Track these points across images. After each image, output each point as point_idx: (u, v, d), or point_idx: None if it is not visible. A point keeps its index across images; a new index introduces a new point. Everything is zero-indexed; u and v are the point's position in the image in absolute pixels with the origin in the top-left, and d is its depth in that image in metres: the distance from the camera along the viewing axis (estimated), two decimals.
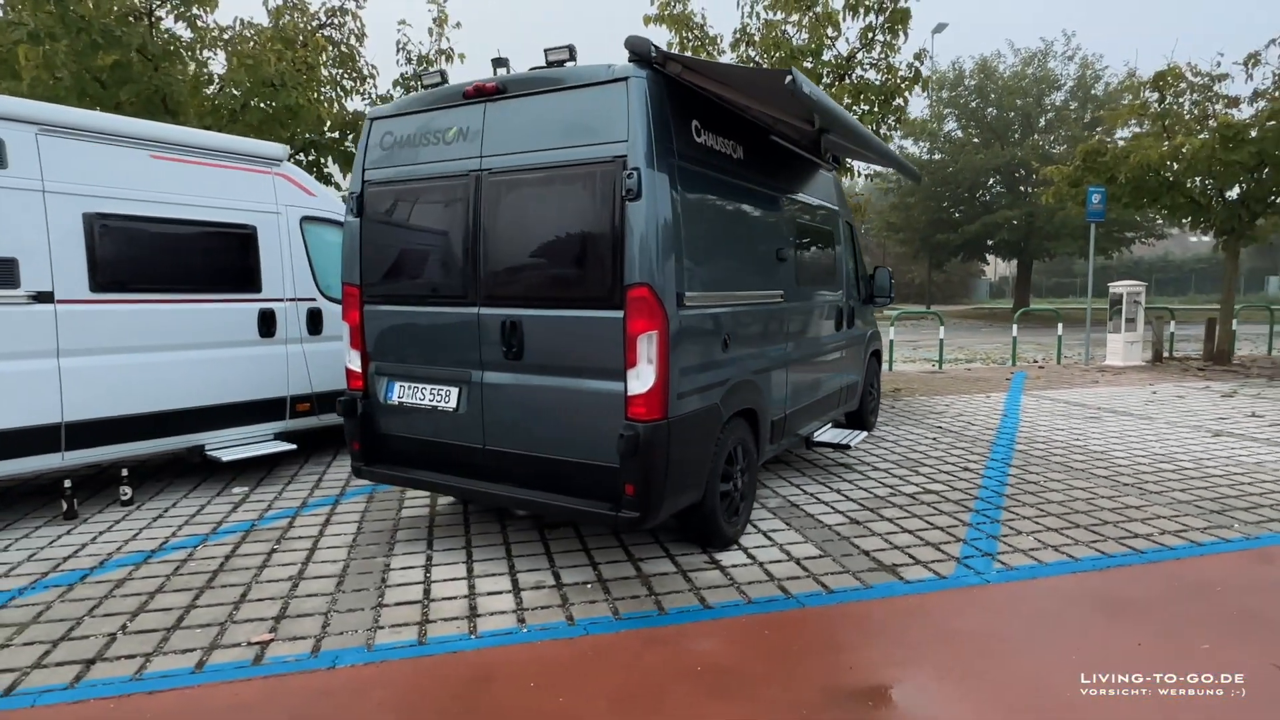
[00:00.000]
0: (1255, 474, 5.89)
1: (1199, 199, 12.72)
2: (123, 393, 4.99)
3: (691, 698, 2.81)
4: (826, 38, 8.65)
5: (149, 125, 5.28)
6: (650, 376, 3.44)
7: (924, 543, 4.40)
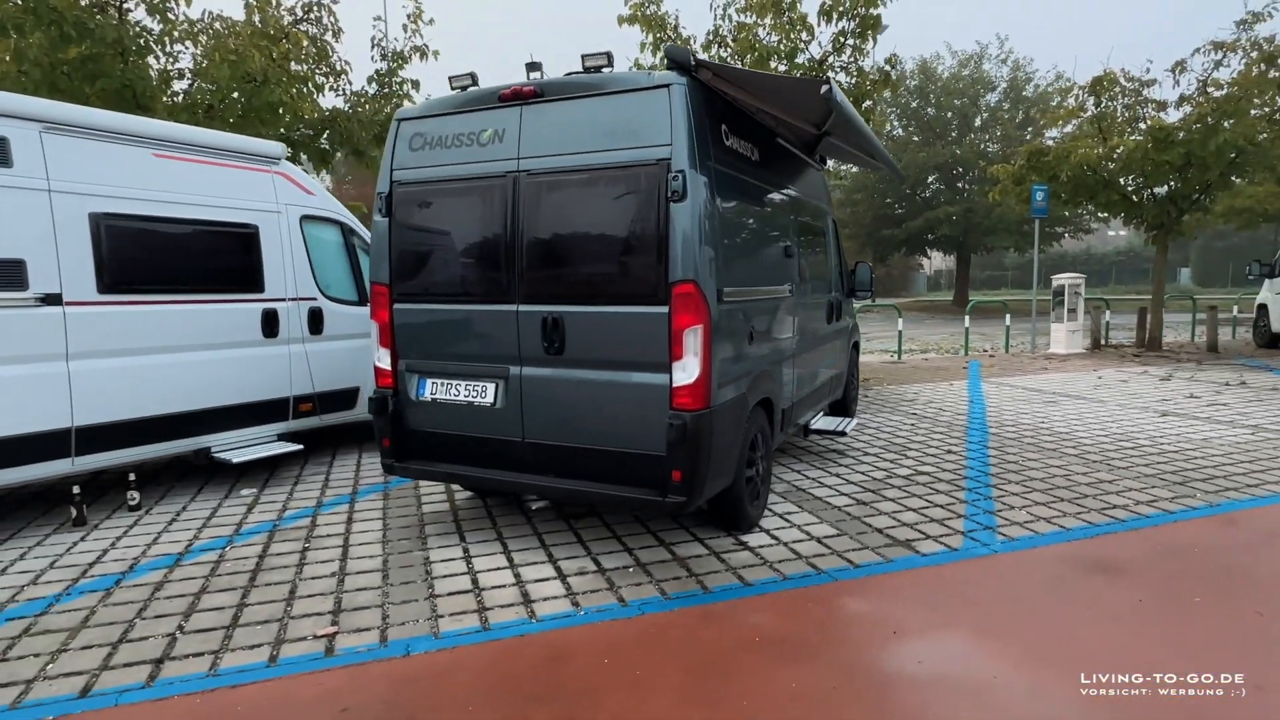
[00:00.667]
0: (1204, 449, 6.45)
1: (1132, 196, 13.62)
2: (131, 396, 4.91)
3: (759, 665, 3.03)
4: (800, 41, 8.97)
5: (151, 123, 5.19)
6: (695, 369, 3.64)
7: (929, 519, 4.72)
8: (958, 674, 2.96)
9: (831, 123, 4.53)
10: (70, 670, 3.04)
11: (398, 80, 9.54)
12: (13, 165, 4.37)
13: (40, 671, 3.03)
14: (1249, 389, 9.63)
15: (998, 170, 14.58)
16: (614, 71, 3.81)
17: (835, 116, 4.25)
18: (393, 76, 9.52)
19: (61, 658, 3.14)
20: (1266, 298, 14.19)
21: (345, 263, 6.45)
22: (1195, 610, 3.46)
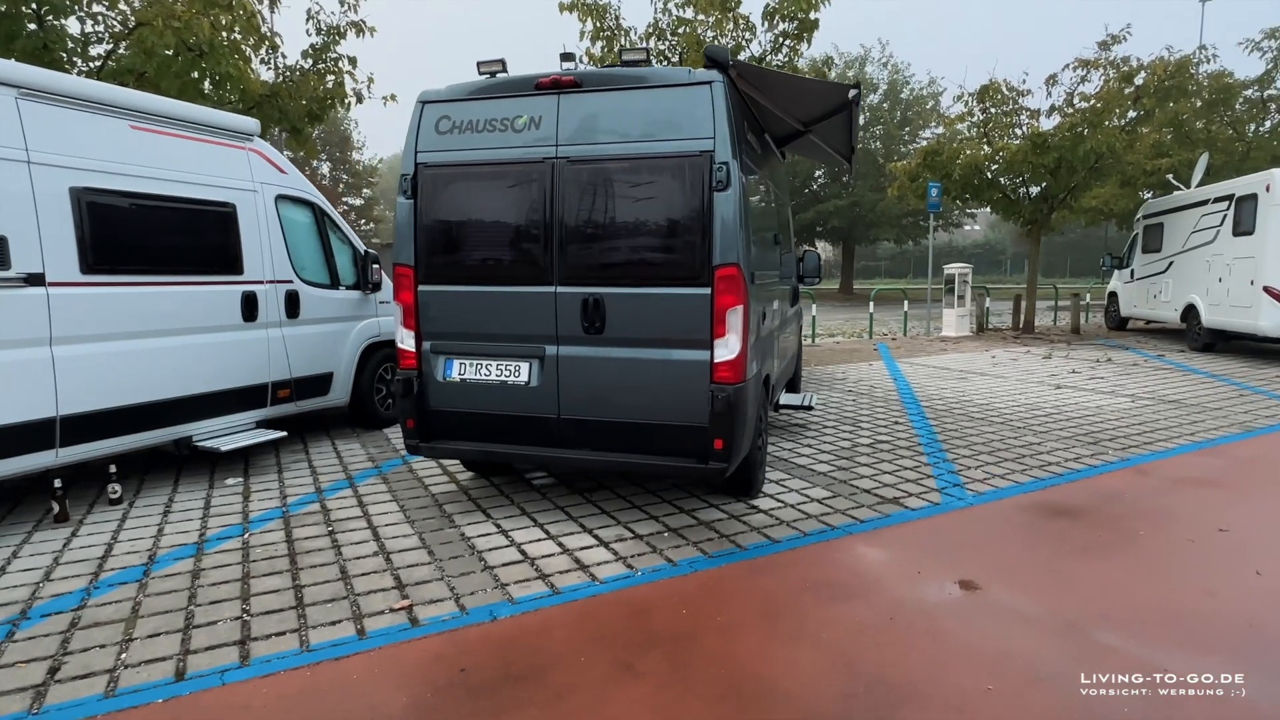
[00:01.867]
0: (1101, 415, 7.50)
1: (1011, 195, 15.17)
2: (115, 383, 4.64)
3: (819, 605, 3.41)
4: (744, 40, 9.44)
5: (129, 93, 4.87)
6: (736, 345, 3.96)
7: (906, 480, 5.29)
8: (982, 600, 3.46)
9: (831, 123, 4.97)
10: (151, 657, 2.97)
11: (333, 55, 9.18)
12: None
13: (119, 660, 2.95)
14: (1115, 365, 11.10)
15: (895, 168, 15.78)
16: (655, 68, 4.03)
17: (850, 116, 4.68)
18: (327, 51, 9.14)
19: (131, 647, 3.05)
20: (1116, 286, 16.23)
21: (318, 245, 6.26)
22: (1143, 540, 4.18)
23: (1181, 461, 5.82)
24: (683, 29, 10.14)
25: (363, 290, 6.66)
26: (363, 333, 6.63)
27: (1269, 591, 3.53)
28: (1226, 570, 3.79)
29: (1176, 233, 13.20)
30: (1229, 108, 17.40)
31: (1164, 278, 13.67)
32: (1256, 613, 3.31)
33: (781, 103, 4.66)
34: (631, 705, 2.65)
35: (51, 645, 3.07)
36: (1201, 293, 12.21)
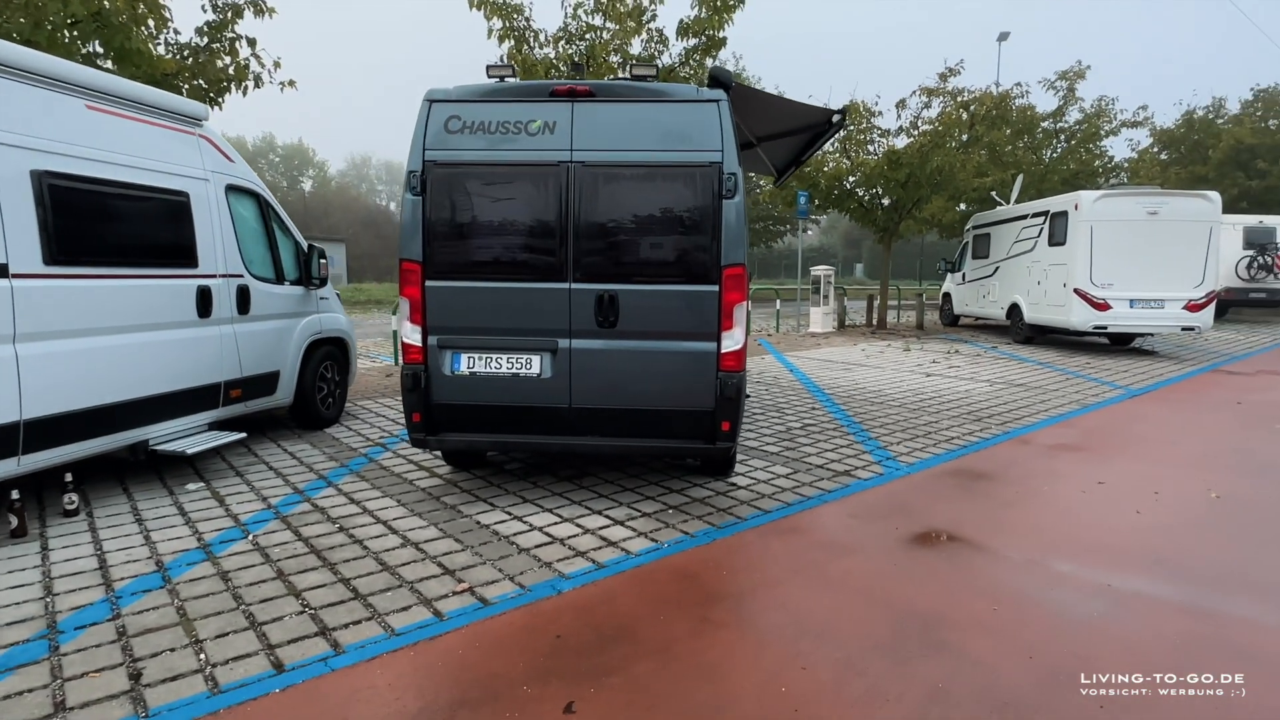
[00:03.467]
0: (971, 397, 8.77)
1: (867, 205, 16.88)
2: (80, 383, 4.29)
3: (832, 559, 3.96)
4: (657, 51, 9.94)
5: (85, 70, 4.47)
6: (740, 337, 4.43)
7: (847, 456, 6.03)
8: (957, 546, 4.17)
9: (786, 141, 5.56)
10: (235, 655, 2.94)
11: (229, 35, 8.58)
12: None
13: (202, 660, 2.89)
14: (964, 355, 12.81)
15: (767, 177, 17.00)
16: (666, 83, 4.39)
17: (827, 137, 5.27)
18: (224, 30, 8.53)
19: (206, 647, 2.99)
20: (950, 288, 18.53)
21: (264, 238, 5.98)
22: (1048, 494, 5.14)
23: (1048, 433, 7.03)
24: (590, 35, 10.47)
25: (306, 285, 6.42)
26: (306, 329, 6.40)
27: (1152, 525, 4.53)
28: (1117, 512, 4.79)
29: (1002, 242, 15.37)
30: (1032, 135, 20.40)
31: (991, 280, 15.86)
32: (1151, 540, 4.27)
33: (757, 120, 5.18)
34: (728, 650, 3.04)
35: (112, 654, 2.93)
36: (1023, 294, 14.34)
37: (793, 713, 2.61)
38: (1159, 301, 12.25)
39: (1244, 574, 3.82)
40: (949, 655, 2.98)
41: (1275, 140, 23.37)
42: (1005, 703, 2.67)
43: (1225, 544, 4.23)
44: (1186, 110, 26.05)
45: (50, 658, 2.90)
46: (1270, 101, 25.05)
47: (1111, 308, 12.26)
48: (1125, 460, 6.05)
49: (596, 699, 2.68)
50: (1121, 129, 21.04)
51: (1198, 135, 25.29)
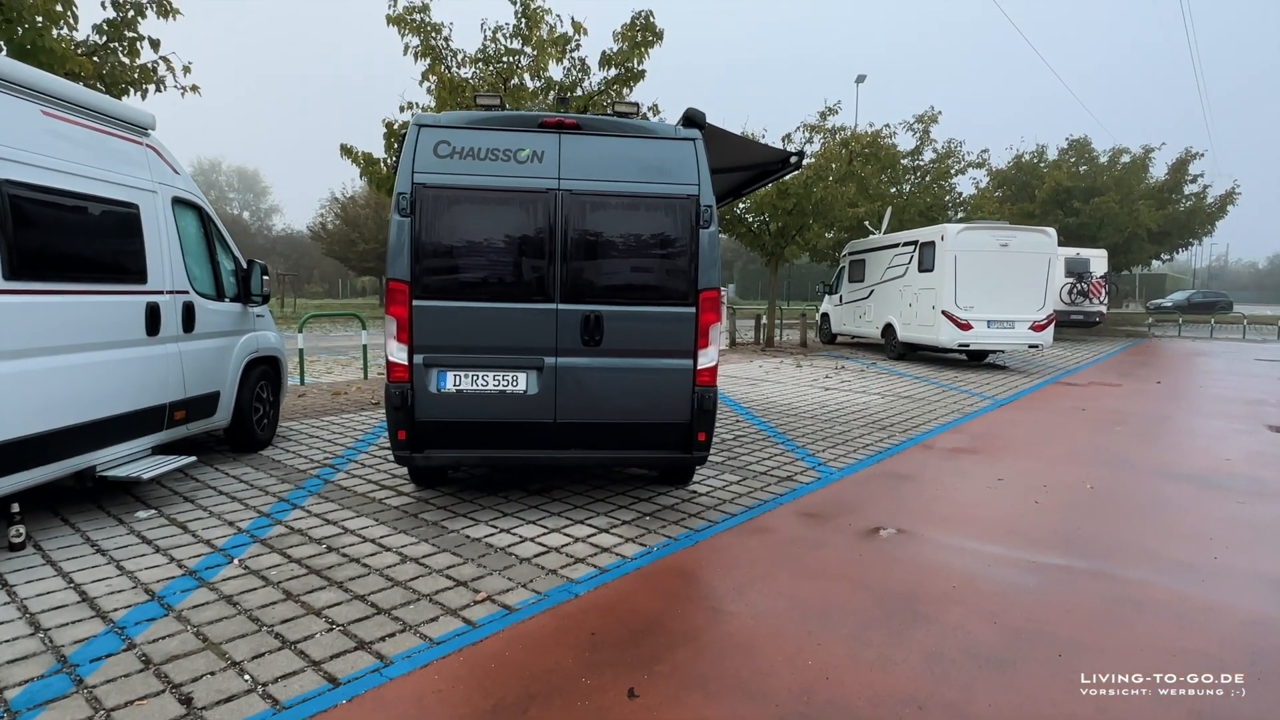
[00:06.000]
0: (869, 409, 9.69)
1: (756, 230, 17.99)
2: (35, 406, 4.02)
3: (807, 552, 4.42)
4: (579, 79, 10.27)
5: (39, 74, 4.19)
6: (714, 355, 4.83)
7: (783, 464, 6.59)
8: (906, 536, 4.76)
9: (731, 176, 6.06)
10: (281, 673, 2.95)
11: (131, 35, 8.05)
12: None
13: (248, 680, 2.89)
14: (850, 371, 13.97)
15: None
16: (646, 120, 4.75)
17: (778, 175, 5.78)
18: (124, 28, 7.99)
19: (246, 668, 2.97)
20: (828, 308, 20.04)
21: (205, 253, 5.73)
22: (961, 489, 5.91)
23: (944, 438, 7.96)
24: (508, 58, 10.66)
25: (245, 302, 6.19)
26: (245, 348, 6.16)
27: (1049, 511, 5.36)
28: (1020, 502, 5.60)
29: (876, 267, 16.90)
30: (895, 170, 22.51)
31: (867, 302, 17.37)
32: (1053, 523, 5.07)
33: (716, 155, 5.64)
34: (750, 634, 3.39)
35: (149, 682, 2.86)
36: (896, 315, 15.85)
37: (824, 680, 3.00)
38: (1010, 322, 13.98)
39: (1130, 545, 4.66)
40: (933, 624, 3.50)
41: (1086, 183, 27.12)
42: (987, 658, 3.20)
43: (1109, 523, 5.10)
44: (1016, 154, 29.68)
45: (79, 691, 2.79)
46: (1080, 149, 29.06)
47: (973, 328, 13.85)
48: (1012, 460, 7.00)
49: (653, 684, 2.95)
50: (968, 168, 23.68)
51: (1025, 177, 28.85)
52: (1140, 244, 27.83)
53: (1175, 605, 3.78)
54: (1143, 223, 25.99)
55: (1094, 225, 26.59)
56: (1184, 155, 28.77)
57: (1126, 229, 26.28)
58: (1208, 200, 29.57)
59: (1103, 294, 22.99)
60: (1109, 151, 29.01)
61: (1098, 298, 22.78)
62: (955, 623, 3.52)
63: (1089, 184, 27.10)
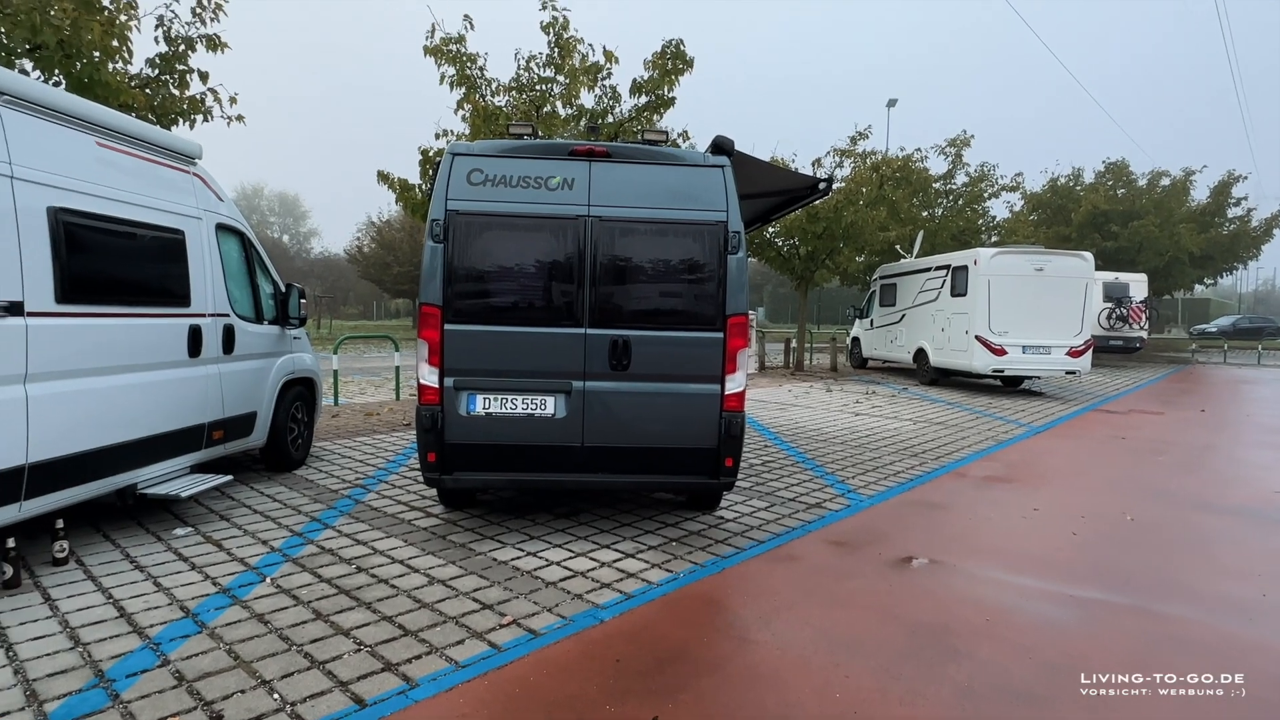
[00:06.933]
0: (900, 435, 9.55)
1: (785, 254, 17.97)
2: (80, 425, 4.16)
3: (835, 582, 4.36)
4: (610, 106, 10.44)
5: (96, 107, 4.41)
6: (742, 380, 4.83)
7: (811, 490, 6.51)
8: (937, 567, 4.67)
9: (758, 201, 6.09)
10: (309, 693, 2.98)
11: (181, 68, 8.39)
12: None
13: (276, 699, 2.92)
14: (880, 396, 13.81)
15: None
16: (674, 148, 4.81)
17: (807, 201, 5.81)
18: (176, 62, 8.34)
19: (276, 687, 3.01)
20: (858, 333, 19.87)
21: (246, 277, 5.91)
22: (996, 519, 5.79)
23: (977, 466, 7.81)
24: (541, 86, 10.88)
25: (282, 325, 6.35)
26: (282, 369, 6.31)
27: (1087, 543, 5.21)
28: (1056, 534, 5.46)
29: (907, 292, 16.74)
30: (926, 194, 22.38)
31: (898, 327, 17.18)
32: (1090, 556, 4.93)
33: (744, 181, 5.67)
34: (776, 664, 3.34)
35: (181, 698, 2.91)
36: (929, 340, 15.65)
37: (853, 714, 2.94)
38: (1046, 348, 13.72)
39: (1172, 581, 4.51)
40: (965, 658, 3.42)
41: (1124, 207, 26.64)
42: (1021, 694, 3.11)
43: (1150, 557, 4.94)
44: (1051, 178, 29.28)
45: (114, 706, 2.85)
46: (1118, 173, 28.58)
47: (1008, 353, 13.62)
48: (1048, 489, 6.84)
49: (678, 713, 2.92)
50: (1001, 192, 23.42)
51: (1060, 200, 28.43)
52: (1182, 268, 27.20)
53: (1221, 645, 3.64)
54: (1184, 246, 25.41)
55: (1133, 249, 26.06)
56: (1226, 178, 28.12)
57: (1167, 253, 25.72)
58: (1252, 223, 28.83)
59: (1143, 319, 22.46)
60: (1148, 174, 28.49)
61: (1138, 323, 22.25)
62: (988, 657, 3.43)
63: (1127, 207, 26.61)
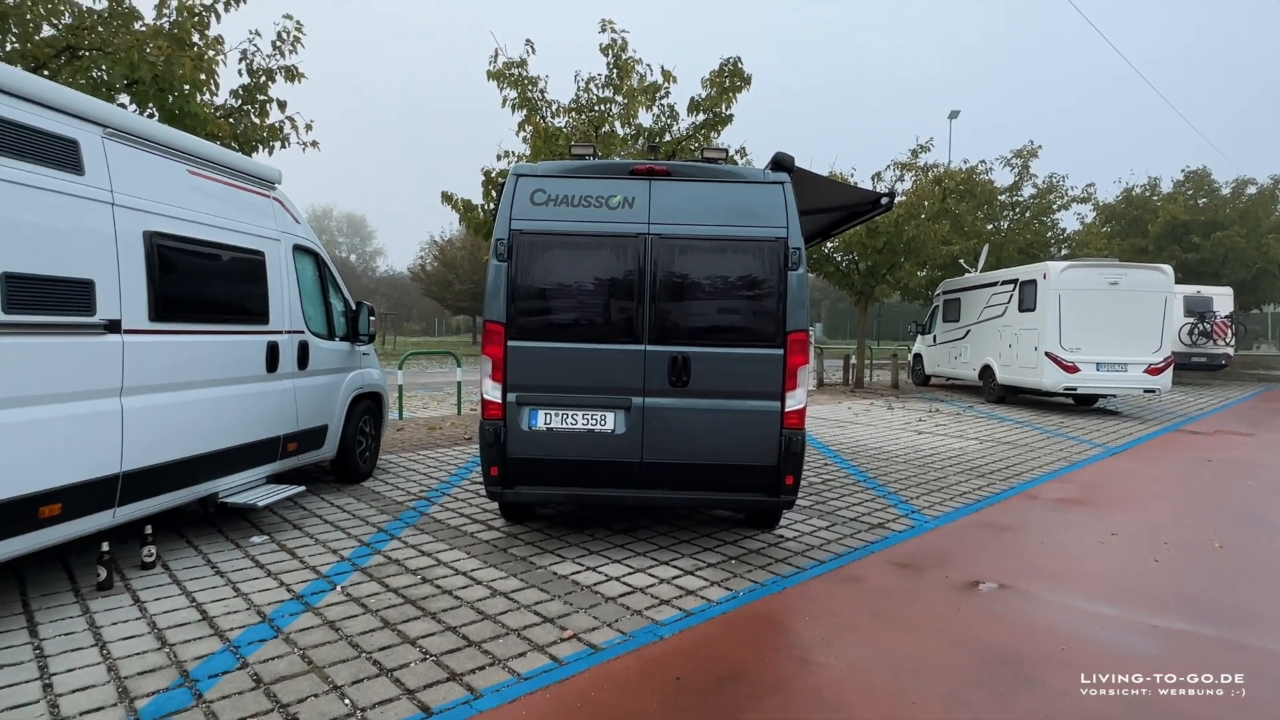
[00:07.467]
0: (966, 454, 9.26)
1: (844, 269, 17.72)
2: (168, 437, 4.40)
3: (901, 605, 4.24)
4: (667, 124, 10.56)
5: (187, 137, 4.72)
6: (803, 397, 4.78)
7: (875, 510, 6.37)
8: (1007, 592, 4.51)
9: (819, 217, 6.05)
10: (379, 700, 3.06)
11: (263, 98, 8.87)
12: (84, 173, 3.83)
13: (346, 704, 3.01)
14: (945, 414, 13.43)
15: None
16: (734, 165, 4.83)
17: (869, 216, 5.76)
18: (257, 93, 8.82)
19: (347, 693, 3.10)
20: (921, 349, 19.39)
21: (320, 295, 6.17)
22: (1072, 544, 5.55)
23: (1049, 488, 7.51)
24: (600, 107, 11.07)
25: (353, 341, 6.60)
26: (351, 384, 6.55)
27: (1172, 571, 4.94)
28: (1136, 560, 5.20)
29: (972, 307, 16.28)
30: (991, 207, 21.81)
31: (963, 343, 16.71)
32: (1176, 585, 4.68)
33: (805, 197, 5.65)
34: (840, 687, 3.28)
35: (259, 700, 3.03)
36: (995, 356, 15.16)
37: None
38: (1123, 365, 13.12)
39: (1269, 614, 4.24)
40: (1038, 688, 3.28)
41: (1206, 217, 25.38)
42: None
43: (1242, 588, 4.66)
44: (1126, 188, 28.16)
45: (198, 705, 2.99)
46: (1199, 181, 27.27)
47: (1080, 370, 13.08)
48: (1127, 513, 6.52)
49: None
50: (1071, 203, 22.63)
51: (1136, 211, 27.28)
52: (1271, 281, 25.71)
53: None
54: (1273, 258, 24.03)
55: (1216, 261, 24.79)
56: None
57: (1255, 265, 24.38)
58: None
59: (1228, 335, 21.27)
60: (1232, 183, 27.11)
61: (1223, 339, 21.09)
62: (1064, 687, 3.29)
63: (1209, 217, 25.35)
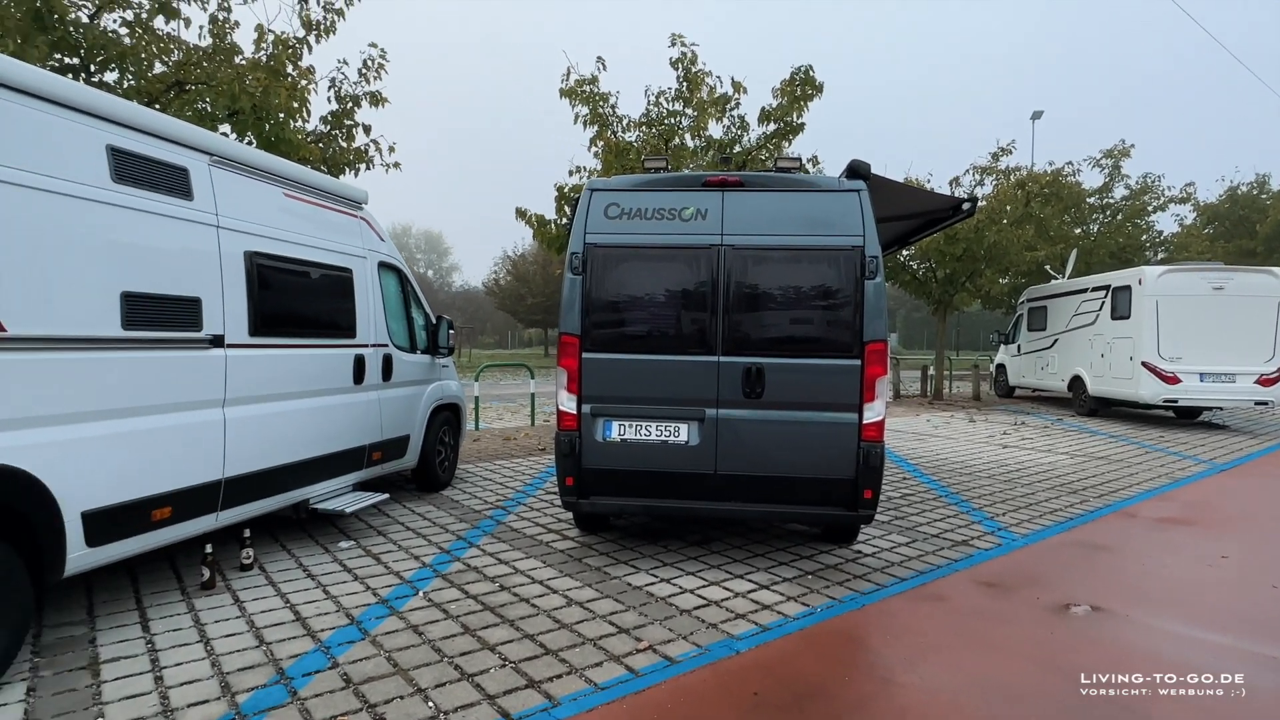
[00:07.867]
0: (1056, 469, 8.81)
1: (921, 278, 17.21)
2: (267, 445, 4.65)
3: (988, 626, 4.07)
4: (737, 135, 10.56)
5: (284, 162, 5.02)
6: (882, 409, 4.66)
7: (955, 527, 6.13)
8: (1103, 615, 4.26)
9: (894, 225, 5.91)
10: (461, 703, 3.14)
11: (350, 123, 9.33)
12: (193, 198, 4.12)
13: (430, 707, 3.10)
14: (1031, 427, 12.82)
15: None
16: (808, 174, 4.78)
17: (949, 223, 5.63)
18: (344, 118, 9.29)
19: (430, 695, 3.19)
20: (1004, 359, 18.61)
21: (403, 310, 6.43)
22: (1176, 567, 5.20)
23: (1149, 506, 7.06)
24: (670, 120, 11.15)
25: (433, 354, 6.83)
26: (431, 395, 6.77)
27: None
28: (1253, 587, 4.83)
29: (1059, 315, 15.53)
30: (1079, 210, 20.81)
31: (1050, 353, 15.94)
32: None
33: (881, 204, 5.54)
34: (924, 709, 3.16)
35: (349, 699, 3.15)
36: (1086, 366, 14.40)
37: None
38: (1230, 375, 12.25)
39: None
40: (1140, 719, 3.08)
41: None
42: None
43: None
44: (1230, 186, 26.38)
45: (293, 702, 3.13)
46: None
47: (1181, 381, 12.28)
48: (1240, 535, 6.07)
49: None
50: (1168, 204, 21.35)
51: (1242, 211, 25.52)
52: None
53: None
54: None
55: None
56: None
57: None
58: None
59: None
60: None
61: None
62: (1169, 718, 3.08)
63: None
